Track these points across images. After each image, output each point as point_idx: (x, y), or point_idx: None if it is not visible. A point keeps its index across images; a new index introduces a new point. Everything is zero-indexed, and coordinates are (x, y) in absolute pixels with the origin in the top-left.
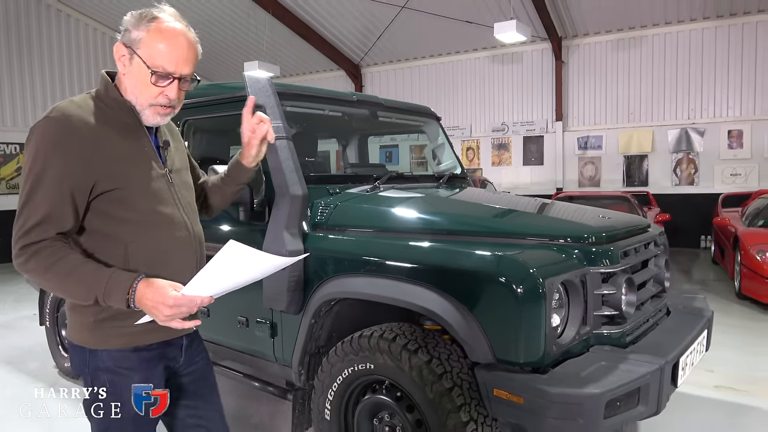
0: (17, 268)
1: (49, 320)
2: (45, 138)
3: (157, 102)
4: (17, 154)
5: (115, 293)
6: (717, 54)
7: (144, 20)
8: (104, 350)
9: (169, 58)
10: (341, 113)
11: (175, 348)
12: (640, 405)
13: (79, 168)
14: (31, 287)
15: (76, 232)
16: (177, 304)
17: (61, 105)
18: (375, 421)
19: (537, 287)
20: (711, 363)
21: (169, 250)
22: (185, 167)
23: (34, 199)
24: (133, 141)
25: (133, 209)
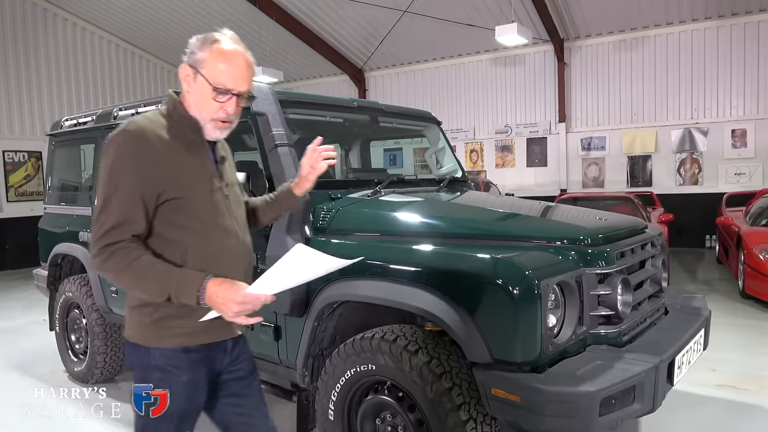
0: (97, 266)
1: (59, 325)
2: (122, 149)
3: (217, 116)
4: (25, 162)
5: (188, 291)
6: (719, 54)
7: (207, 43)
8: (157, 349)
9: (229, 76)
10: (342, 119)
11: (220, 351)
12: (636, 402)
13: (149, 176)
14: (41, 293)
15: (146, 238)
16: (244, 301)
17: (136, 119)
18: (377, 421)
19: (532, 288)
20: (713, 362)
21: (222, 257)
22: (236, 183)
23: (111, 204)
24: (197, 155)
25: (193, 218)
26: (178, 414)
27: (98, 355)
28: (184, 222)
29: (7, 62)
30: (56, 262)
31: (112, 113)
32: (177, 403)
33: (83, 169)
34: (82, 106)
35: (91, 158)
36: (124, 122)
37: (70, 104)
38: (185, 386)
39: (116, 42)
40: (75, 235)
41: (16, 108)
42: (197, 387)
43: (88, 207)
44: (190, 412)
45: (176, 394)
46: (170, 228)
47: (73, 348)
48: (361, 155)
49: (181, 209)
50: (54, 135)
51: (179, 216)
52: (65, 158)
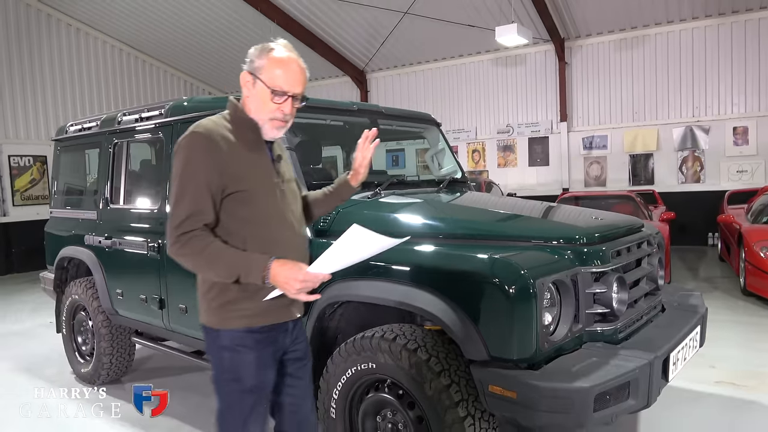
0: (174, 253)
1: (66, 328)
2: (191, 148)
3: (275, 116)
4: (31, 167)
5: (254, 271)
6: (720, 51)
7: (264, 52)
8: (225, 331)
9: (285, 80)
10: (342, 122)
11: (282, 331)
12: (631, 398)
13: (215, 172)
14: (48, 296)
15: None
16: (305, 279)
17: (202, 122)
18: (378, 418)
19: (528, 287)
20: (713, 359)
21: (278, 246)
22: (293, 179)
23: (185, 198)
24: (257, 153)
25: (252, 210)
26: (252, 390)
27: (104, 357)
28: (245, 214)
29: (12, 67)
30: (62, 266)
31: (116, 118)
32: (249, 380)
33: (88, 174)
34: (86, 110)
35: (96, 163)
36: (192, 126)
37: (74, 109)
38: (253, 364)
39: (119, 46)
40: (81, 238)
41: (20, 113)
42: (265, 364)
43: (94, 211)
44: (263, 388)
45: (247, 371)
46: (232, 220)
47: (79, 350)
48: None
49: (243, 202)
50: (59, 140)
51: (241, 208)
52: (70, 163)
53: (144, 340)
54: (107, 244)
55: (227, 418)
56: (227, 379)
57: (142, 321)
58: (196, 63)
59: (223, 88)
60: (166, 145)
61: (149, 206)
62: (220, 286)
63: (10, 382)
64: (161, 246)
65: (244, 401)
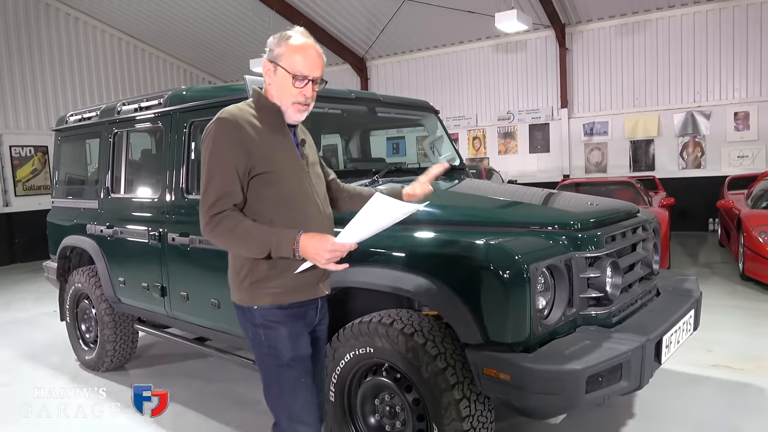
0: (208, 233)
1: (69, 316)
2: (218, 134)
3: (297, 100)
4: (32, 157)
5: (284, 245)
6: (722, 36)
7: (282, 40)
8: (256, 308)
9: (304, 65)
10: (341, 111)
11: (312, 308)
12: (623, 380)
13: (242, 154)
14: (51, 285)
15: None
16: (333, 249)
17: (228, 109)
18: (376, 401)
19: (522, 272)
20: (710, 343)
21: (303, 225)
22: (317, 162)
23: (214, 181)
24: (280, 136)
25: (277, 190)
26: (290, 363)
27: (108, 344)
28: (271, 194)
29: (12, 57)
30: (65, 255)
31: (115, 108)
32: (286, 354)
33: (89, 163)
34: (87, 100)
35: (96, 152)
36: (218, 112)
37: (75, 98)
38: (287, 338)
39: (119, 36)
40: (82, 227)
41: (21, 103)
42: (299, 336)
43: (95, 200)
44: (301, 360)
45: (283, 345)
46: (259, 200)
47: (83, 337)
48: (361, 145)
49: (269, 183)
50: (59, 130)
51: (267, 189)
52: (71, 153)
53: (146, 327)
54: (109, 233)
55: (272, 391)
56: (266, 354)
57: (145, 308)
58: (197, 52)
59: (223, 76)
60: (166, 134)
61: (150, 195)
62: (250, 265)
63: (16, 370)
64: (162, 234)
65: (283, 374)
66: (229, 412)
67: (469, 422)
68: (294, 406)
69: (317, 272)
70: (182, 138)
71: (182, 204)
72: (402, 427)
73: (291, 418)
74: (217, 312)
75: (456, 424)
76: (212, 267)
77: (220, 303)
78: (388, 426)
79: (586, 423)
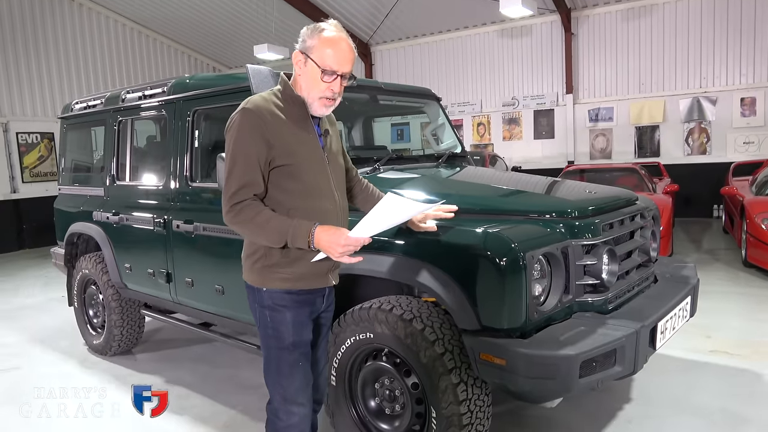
0: (228, 221)
1: (77, 301)
2: (242, 125)
3: (324, 95)
4: (38, 144)
5: (300, 237)
6: (729, 21)
7: (315, 32)
8: (266, 290)
9: (335, 60)
10: (343, 98)
11: (319, 295)
12: (617, 365)
13: (264, 146)
14: (59, 271)
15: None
16: (347, 243)
17: (253, 99)
18: (376, 385)
19: (518, 260)
20: (709, 329)
21: (320, 216)
22: (339, 152)
23: (236, 170)
24: (303, 128)
25: (297, 181)
26: (290, 347)
27: (115, 329)
28: (290, 186)
29: (17, 45)
30: (72, 241)
31: (120, 96)
32: (288, 338)
33: (95, 150)
34: (92, 87)
35: (102, 140)
36: (243, 102)
37: (80, 85)
38: (291, 323)
39: (124, 22)
40: (89, 214)
41: (27, 90)
42: (302, 323)
43: (101, 187)
44: (301, 345)
45: (286, 329)
46: (278, 191)
47: (91, 322)
48: (363, 132)
49: (289, 175)
50: (65, 118)
51: (286, 181)
52: (77, 140)
53: (153, 312)
54: (115, 220)
55: (271, 371)
56: (269, 336)
57: (151, 294)
58: (201, 38)
59: (228, 63)
60: (170, 122)
61: (155, 183)
62: (264, 250)
63: (25, 354)
64: (167, 221)
65: (283, 357)
66: (234, 395)
67: (466, 405)
68: (289, 388)
69: (328, 263)
70: (186, 126)
71: (186, 191)
72: (401, 411)
73: (285, 398)
74: (222, 298)
75: (453, 407)
76: (216, 254)
77: (224, 289)
78: (387, 409)
79: (583, 407)
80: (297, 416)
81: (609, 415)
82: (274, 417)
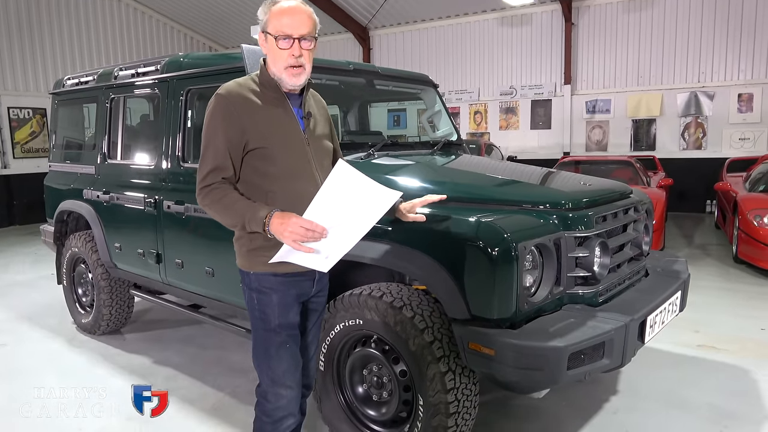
0: (200, 203)
1: (66, 279)
2: (214, 110)
3: (288, 63)
4: (30, 119)
5: (256, 221)
6: (730, 15)
7: (267, 6)
8: (253, 273)
9: (287, 24)
10: (339, 82)
11: (308, 279)
12: (605, 358)
13: (235, 131)
14: (48, 248)
15: (236, 181)
16: (300, 225)
17: (227, 84)
18: (365, 371)
19: (510, 250)
20: (698, 323)
21: (300, 199)
22: (325, 135)
23: (207, 155)
24: (279, 111)
25: (273, 164)
26: (276, 329)
27: (104, 308)
28: (267, 168)
29: (9, 19)
30: (62, 219)
31: (112, 73)
32: (274, 320)
33: (87, 127)
34: (86, 63)
35: (94, 117)
36: (219, 88)
37: (74, 61)
38: (277, 305)
39: None
40: (79, 192)
41: (19, 64)
42: (288, 305)
43: (92, 165)
44: (287, 327)
45: (272, 311)
46: (255, 174)
47: (80, 301)
48: (359, 117)
49: (265, 157)
50: (57, 94)
51: (263, 163)
52: (68, 117)
53: (142, 293)
54: (105, 198)
55: (259, 353)
56: (257, 318)
57: (140, 274)
58: (197, 16)
59: (224, 42)
60: (162, 101)
61: (146, 162)
62: (247, 234)
63: (13, 331)
64: (158, 201)
65: (270, 339)
66: (222, 378)
67: (454, 394)
68: (277, 370)
69: None
70: (179, 105)
71: (178, 172)
72: (389, 397)
73: (273, 380)
74: (211, 280)
75: (441, 395)
76: (207, 236)
77: (214, 271)
78: (375, 396)
79: (570, 398)
80: (285, 398)
81: (596, 407)
82: (263, 399)
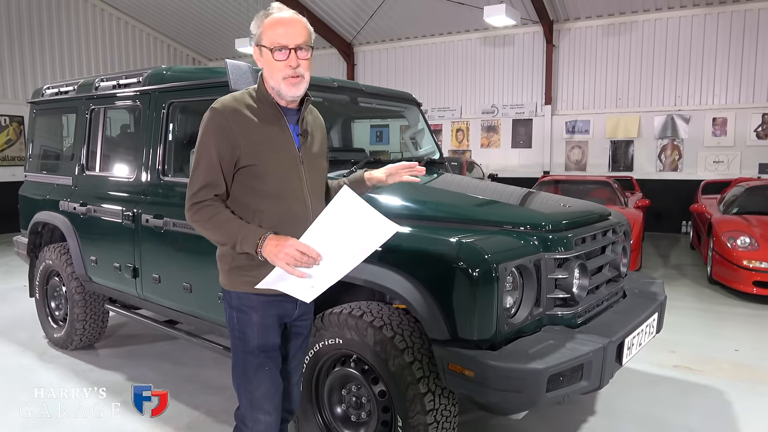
0: (189, 219)
1: (39, 292)
2: (207, 125)
3: (285, 74)
4: (7, 127)
5: (248, 242)
6: (705, 41)
7: (259, 18)
8: (234, 292)
9: (282, 35)
10: (322, 99)
11: (290, 301)
12: (584, 380)
13: (227, 147)
14: (21, 260)
15: (226, 198)
16: (296, 249)
17: (223, 98)
18: (343, 391)
19: (490, 271)
20: (674, 344)
21: (288, 220)
22: (321, 155)
23: (199, 170)
24: (275, 128)
25: (263, 183)
26: (255, 350)
27: (77, 323)
28: (257, 187)
29: None
30: (37, 230)
31: (93, 83)
32: (253, 341)
33: (66, 136)
34: (66, 71)
35: (73, 127)
36: (215, 102)
37: (54, 69)
38: (256, 325)
39: (102, 6)
40: (56, 203)
41: None
42: (268, 326)
43: (69, 176)
44: (267, 349)
45: (251, 331)
46: (246, 192)
47: (53, 315)
48: (342, 134)
49: (255, 176)
50: (35, 103)
51: (253, 181)
52: (46, 127)
53: (117, 307)
54: (82, 210)
55: (238, 374)
56: (236, 337)
57: (116, 289)
58: (181, 28)
59: (208, 54)
60: (144, 113)
61: (126, 174)
62: (231, 252)
63: None
64: (136, 215)
65: (248, 360)
66: (198, 395)
67: (433, 415)
68: (256, 393)
69: None
70: (161, 118)
71: (158, 185)
72: (367, 418)
73: (252, 404)
74: (189, 296)
75: (420, 416)
76: (186, 250)
77: (191, 287)
78: (353, 416)
79: (548, 419)
80: (263, 424)
81: (574, 427)
82: (242, 423)
